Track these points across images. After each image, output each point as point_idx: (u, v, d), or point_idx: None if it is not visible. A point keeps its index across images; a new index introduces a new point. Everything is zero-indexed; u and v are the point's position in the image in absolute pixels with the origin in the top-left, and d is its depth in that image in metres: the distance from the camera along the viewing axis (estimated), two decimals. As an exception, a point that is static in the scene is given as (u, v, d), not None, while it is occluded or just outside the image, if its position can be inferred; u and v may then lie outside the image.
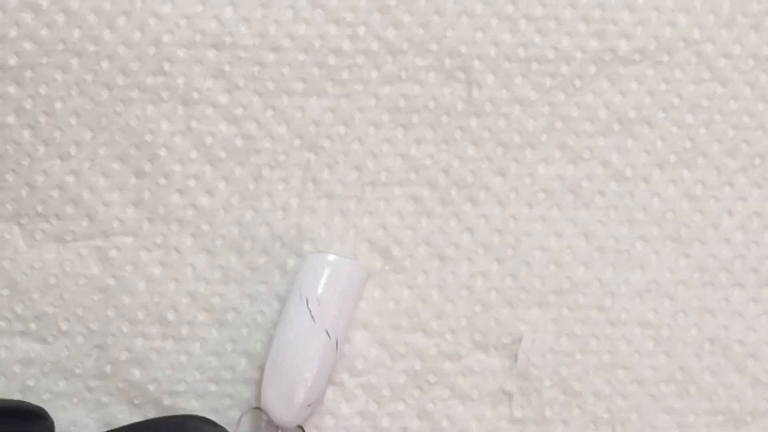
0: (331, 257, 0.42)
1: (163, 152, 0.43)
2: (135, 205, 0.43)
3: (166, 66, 0.43)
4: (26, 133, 0.43)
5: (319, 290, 0.41)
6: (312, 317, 0.41)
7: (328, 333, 0.41)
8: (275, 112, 0.43)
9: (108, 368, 0.43)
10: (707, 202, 0.44)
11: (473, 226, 0.44)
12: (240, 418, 0.43)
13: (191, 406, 0.43)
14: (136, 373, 0.43)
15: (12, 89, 0.43)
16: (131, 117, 0.43)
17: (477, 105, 0.44)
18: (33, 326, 0.43)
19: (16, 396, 0.43)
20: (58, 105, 0.43)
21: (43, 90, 0.43)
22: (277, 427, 0.42)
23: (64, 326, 0.43)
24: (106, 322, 0.43)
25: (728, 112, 0.44)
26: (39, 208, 0.43)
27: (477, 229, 0.44)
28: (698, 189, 0.44)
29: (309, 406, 0.42)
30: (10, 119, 0.43)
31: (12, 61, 0.43)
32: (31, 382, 0.43)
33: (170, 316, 0.43)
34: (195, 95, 0.43)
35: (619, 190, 0.44)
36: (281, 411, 0.41)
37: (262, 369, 0.43)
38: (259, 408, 0.42)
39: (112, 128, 0.43)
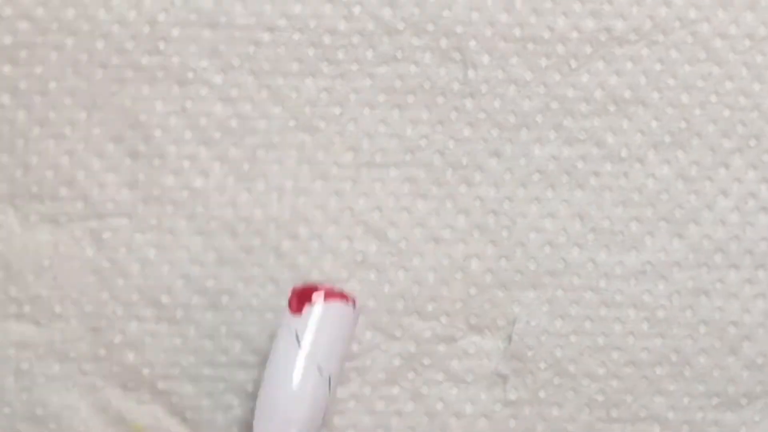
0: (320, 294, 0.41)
1: (157, 133, 0.43)
2: (130, 186, 0.43)
3: (161, 45, 0.43)
4: (20, 114, 0.43)
5: (309, 325, 0.40)
6: (303, 353, 0.40)
7: (320, 370, 0.40)
8: (270, 93, 0.43)
9: (102, 351, 0.43)
10: (702, 182, 0.44)
11: (468, 208, 0.44)
12: None
13: (186, 390, 0.43)
14: (131, 356, 0.43)
15: (6, 69, 0.43)
16: (126, 97, 0.43)
17: (472, 85, 0.44)
18: (27, 309, 0.43)
19: (9, 380, 0.43)
20: (52, 85, 0.43)
21: (37, 70, 0.43)
22: None
23: (58, 309, 0.43)
24: (101, 304, 0.43)
25: (724, 92, 0.44)
26: (33, 190, 0.43)
27: (472, 210, 0.44)
28: (693, 170, 0.44)
29: None
30: (5, 99, 0.43)
31: (6, 40, 0.43)
32: (25, 366, 0.43)
33: (164, 299, 0.43)
34: (190, 75, 0.43)
35: (613, 170, 0.44)
36: None
37: (256, 352, 0.43)
38: None
39: (107, 108, 0.43)
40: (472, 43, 0.44)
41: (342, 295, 0.41)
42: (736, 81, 0.44)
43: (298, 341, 0.40)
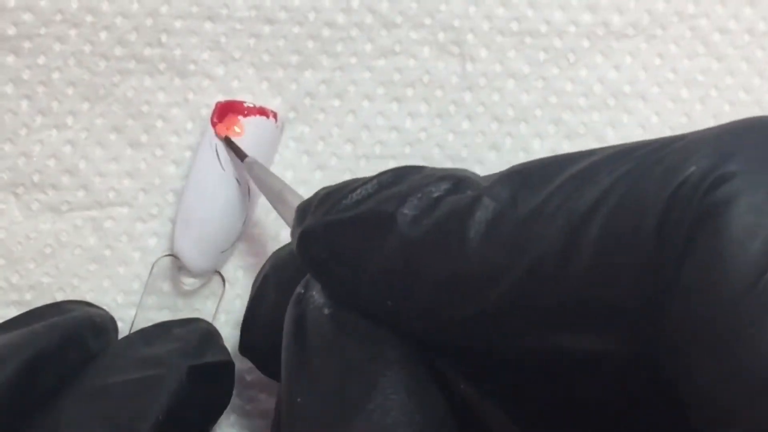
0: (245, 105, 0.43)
1: (159, 123, 0.43)
2: (131, 175, 0.43)
3: (163, 37, 0.43)
4: (23, 103, 0.43)
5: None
6: (221, 166, 0.41)
7: (237, 180, 0.42)
8: (270, 85, 0.44)
9: (103, 339, 0.43)
10: (702, 178, 0.43)
11: (467, 201, 0.44)
12: (152, 266, 0.43)
13: (186, 379, 0.43)
14: (132, 344, 0.43)
15: (10, 59, 0.43)
16: (128, 88, 0.43)
17: (471, 79, 0.44)
18: (28, 296, 0.43)
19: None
20: (55, 75, 0.43)
21: (40, 60, 0.43)
22: (194, 274, 0.42)
23: (59, 296, 0.43)
24: (101, 292, 0.43)
25: (724, 87, 0.44)
26: (35, 178, 0.43)
27: (471, 204, 0.44)
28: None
29: (222, 252, 0.42)
30: (8, 89, 0.43)
31: (10, 31, 0.43)
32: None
33: (165, 287, 0.43)
34: (191, 67, 0.44)
35: (613, 165, 0.44)
36: (194, 257, 0.42)
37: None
38: (171, 255, 0.43)
39: (109, 99, 0.43)
40: (470, 37, 0.44)
41: (262, 111, 0.43)
42: (737, 76, 0.44)
43: (218, 154, 0.41)
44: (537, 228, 0.23)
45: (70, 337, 0.36)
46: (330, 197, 0.29)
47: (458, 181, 0.27)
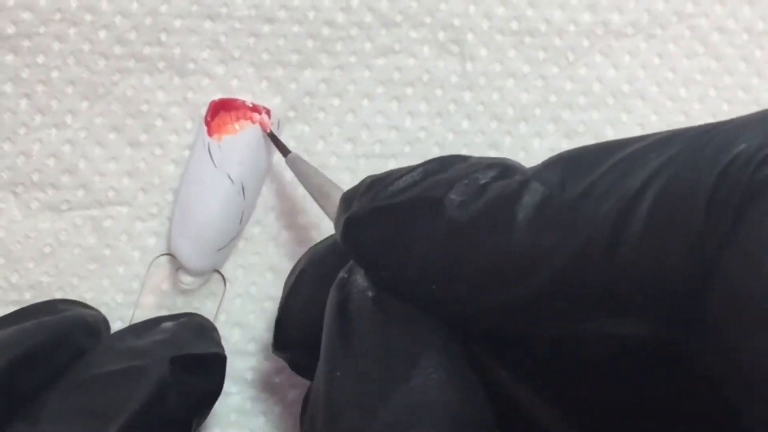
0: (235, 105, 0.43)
1: (158, 122, 0.43)
2: (130, 175, 0.43)
3: (163, 36, 0.43)
4: (22, 102, 0.43)
5: (223, 137, 0.42)
6: (213, 163, 0.41)
7: (230, 178, 0.41)
8: (270, 84, 0.44)
9: (103, 338, 0.43)
10: (701, 177, 0.44)
11: (467, 200, 0.44)
12: (150, 266, 0.43)
13: (185, 378, 0.43)
14: (131, 344, 0.43)
15: (9, 58, 0.43)
16: (127, 87, 0.43)
17: (471, 78, 0.44)
18: (27, 295, 0.43)
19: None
20: (54, 74, 0.43)
21: (40, 59, 0.43)
22: (191, 272, 0.42)
23: (58, 296, 0.43)
24: (101, 291, 0.43)
25: (722, 86, 0.44)
26: (34, 178, 0.43)
27: (471, 203, 0.44)
28: (692, 164, 0.44)
29: (219, 251, 0.42)
30: (7, 88, 0.43)
31: (9, 30, 0.43)
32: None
33: (164, 286, 0.43)
34: (191, 66, 0.43)
35: (612, 164, 0.44)
36: (190, 255, 0.42)
37: (255, 341, 0.43)
38: (168, 254, 0.43)
39: (108, 98, 0.43)
40: (470, 36, 0.44)
41: (255, 108, 0.43)
42: (735, 75, 0.44)
43: (210, 152, 0.41)
44: (586, 210, 0.24)
45: (59, 336, 0.36)
46: (376, 184, 0.29)
47: (505, 168, 0.27)
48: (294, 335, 0.36)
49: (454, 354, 0.27)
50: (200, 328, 0.40)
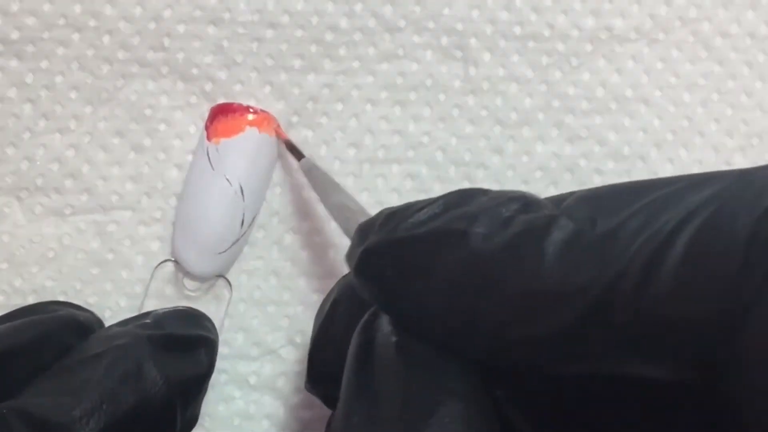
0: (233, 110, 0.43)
1: (162, 127, 0.43)
2: (134, 179, 0.43)
3: (166, 41, 0.43)
4: (26, 107, 0.43)
5: (222, 141, 0.42)
6: (211, 166, 0.42)
7: (227, 180, 0.42)
8: (273, 88, 0.44)
9: (106, 343, 0.43)
10: (704, 181, 0.44)
11: (470, 205, 0.44)
12: (153, 271, 0.43)
13: (189, 382, 0.43)
14: (135, 348, 0.43)
15: (13, 63, 0.43)
16: (131, 92, 0.43)
17: (474, 83, 0.44)
18: (31, 300, 0.43)
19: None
20: (58, 79, 0.43)
21: (44, 64, 0.43)
22: (194, 277, 0.43)
23: (62, 300, 0.43)
24: (104, 296, 0.43)
25: (726, 91, 0.44)
26: (38, 182, 0.43)
27: (474, 207, 0.44)
28: (695, 168, 0.44)
29: (220, 254, 0.42)
30: (11, 93, 0.43)
31: (14, 35, 0.43)
32: (29, 356, 0.43)
33: (168, 291, 0.43)
34: (194, 71, 0.44)
35: (616, 168, 0.44)
36: (192, 259, 0.42)
37: (259, 345, 0.43)
38: (172, 260, 0.43)
39: (112, 103, 0.43)
40: (473, 41, 0.44)
41: (255, 112, 0.43)
42: (738, 80, 0.44)
43: (208, 156, 0.42)
44: (618, 246, 0.23)
45: (47, 334, 0.36)
46: (395, 216, 0.29)
47: (527, 201, 0.27)
48: (330, 370, 0.35)
49: (476, 404, 0.26)
50: (188, 315, 0.40)
